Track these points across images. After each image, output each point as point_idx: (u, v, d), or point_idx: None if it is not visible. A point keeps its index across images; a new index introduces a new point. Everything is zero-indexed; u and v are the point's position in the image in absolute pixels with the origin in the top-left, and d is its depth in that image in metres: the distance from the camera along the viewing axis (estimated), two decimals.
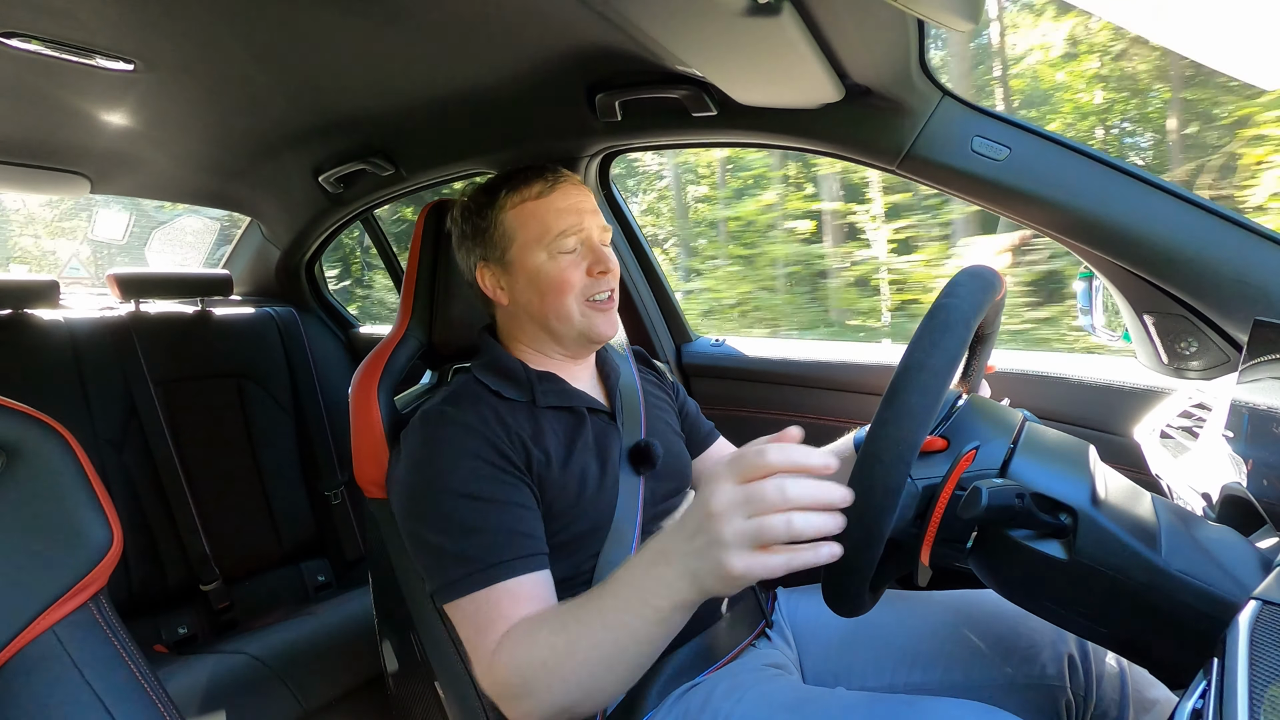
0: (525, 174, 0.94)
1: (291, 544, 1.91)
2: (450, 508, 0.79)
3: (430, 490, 0.80)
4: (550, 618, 0.72)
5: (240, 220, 2.21)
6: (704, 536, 0.58)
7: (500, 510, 0.79)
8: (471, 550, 0.77)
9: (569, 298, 0.90)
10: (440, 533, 0.78)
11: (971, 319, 0.60)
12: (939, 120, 0.96)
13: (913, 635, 0.91)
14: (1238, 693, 0.40)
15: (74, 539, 0.61)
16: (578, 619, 0.68)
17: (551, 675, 0.68)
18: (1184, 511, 0.62)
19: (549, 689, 0.68)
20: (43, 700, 0.58)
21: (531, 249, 0.91)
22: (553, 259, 0.90)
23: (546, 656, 0.68)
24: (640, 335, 1.58)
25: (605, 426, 0.95)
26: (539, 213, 0.91)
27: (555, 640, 0.68)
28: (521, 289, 0.93)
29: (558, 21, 0.93)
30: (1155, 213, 0.90)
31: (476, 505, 0.79)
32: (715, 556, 0.57)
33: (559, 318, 0.91)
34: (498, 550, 0.77)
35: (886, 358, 1.36)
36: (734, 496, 0.56)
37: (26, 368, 1.60)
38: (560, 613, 0.72)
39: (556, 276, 0.90)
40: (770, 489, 0.55)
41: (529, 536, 0.80)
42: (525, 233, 0.91)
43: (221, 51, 1.03)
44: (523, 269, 0.92)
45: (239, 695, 1.32)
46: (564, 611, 0.71)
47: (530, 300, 0.92)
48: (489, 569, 0.76)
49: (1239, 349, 0.92)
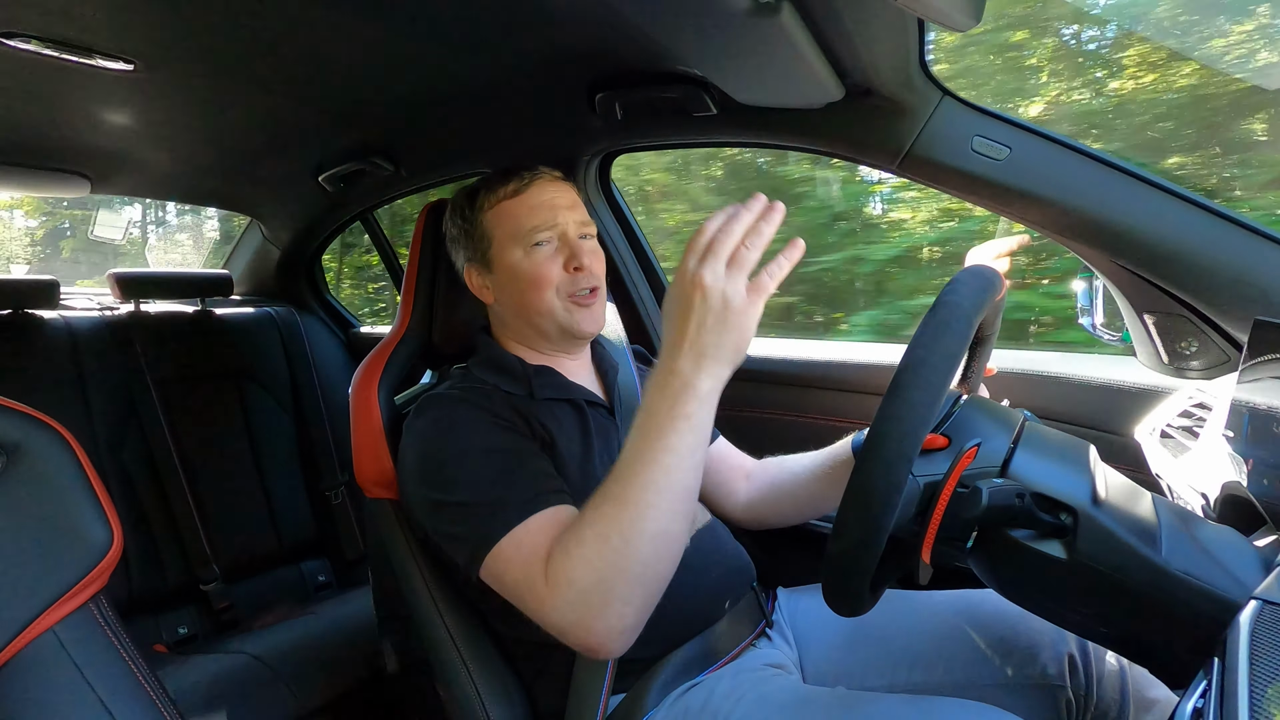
0: (503, 174, 0.95)
1: (291, 544, 1.91)
2: (473, 464, 0.79)
3: (453, 453, 0.81)
4: (587, 504, 0.69)
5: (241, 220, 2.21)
6: (705, 306, 0.63)
7: (525, 458, 0.81)
8: (503, 493, 0.77)
9: (548, 293, 0.91)
10: (467, 489, 0.78)
11: (973, 316, 0.60)
12: (939, 120, 0.96)
13: (913, 635, 0.91)
14: (1238, 692, 0.40)
15: (74, 539, 0.61)
16: (616, 477, 0.67)
17: (615, 545, 0.65)
18: (1184, 511, 0.62)
19: (620, 562, 0.65)
20: (43, 700, 0.58)
21: (508, 247, 0.92)
22: (528, 255, 0.91)
23: (603, 528, 0.66)
24: (640, 334, 1.58)
25: (604, 421, 0.95)
26: (513, 210, 0.92)
27: (604, 509, 0.67)
28: (503, 286, 0.94)
29: (558, 21, 0.93)
30: (1155, 213, 0.90)
31: (498, 456, 0.80)
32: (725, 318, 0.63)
33: (539, 313, 0.92)
34: (529, 489, 0.77)
35: (887, 358, 1.36)
36: (697, 260, 0.63)
37: (26, 368, 1.60)
38: (596, 492, 0.69)
39: (532, 272, 0.91)
40: (721, 238, 0.64)
41: (553, 477, 0.81)
42: (501, 231, 0.93)
43: (221, 51, 1.03)
44: (501, 267, 0.93)
45: (239, 695, 1.32)
46: (600, 489, 0.69)
47: (511, 297, 0.94)
48: (524, 504, 0.76)
49: (1239, 349, 0.92)
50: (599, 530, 0.66)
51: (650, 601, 0.68)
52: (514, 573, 0.73)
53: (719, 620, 0.90)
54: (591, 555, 0.66)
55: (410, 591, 0.94)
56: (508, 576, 0.74)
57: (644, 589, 0.67)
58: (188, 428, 1.78)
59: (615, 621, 0.66)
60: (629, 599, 0.66)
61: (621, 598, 0.66)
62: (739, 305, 0.63)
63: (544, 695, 0.88)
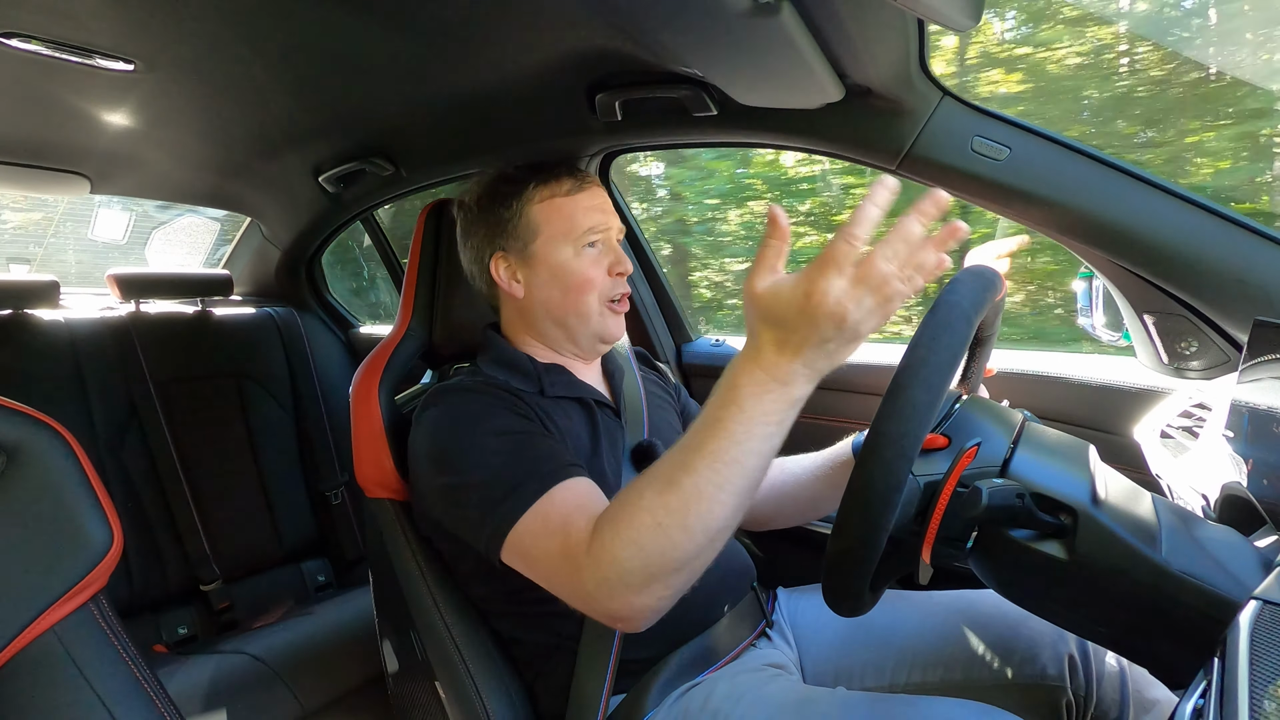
0: (555, 169, 0.95)
1: (291, 544, 1.91)
2: (490, 445, 0.79)
3: (469, 435, 0.80)
4: (643, 485, 0.65)
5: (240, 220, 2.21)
6: (836, 333, 0.56)
7: (537, 439, 0.80)
8: (522, 469, 0.76)
9: (591, 296, 0.92)
10: (485, 469, 0.77)
11: (973, 315, 0.60)
12: (939, 120, 0.96)
13: (913, 635, 0.91)
14: (1238, 692, 0.40)
15: (74, 539, 0.61)
16: (685, 468, 0.62)
17: (670, 533, 0.62)
18: (1184, 511, 0.62)
19: (671, 548, 0.62)
20: (43, 701, 0.58)
21: (558, 243, 0.92)
22: (578, 255, 0.92)
23: (661, 516, 0.62)
24: (641, 335, 1.58)
25: (611, 422, 0.95)
26: (568, 209, 0.92)
27: (666, 499, 0.62)
28: (542, 283, 0.93)
29: (558, 22, 0.93)
30: (1155, 213, 0.90)
31: (514, 437, 0.80)
32: (849, 343, 0.57)
33: (578, 315, 0.92)
34: (549, 463, 0.77)
35: (886, 358, 1.36)
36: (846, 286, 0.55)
37: (26, 368, 1.60)
38: (654, 475, 0.65)
39: (581, 273, 0.91)
40: (881, 265, 0.55)
41: (570, 454, 0.81)
42: (552, 227, 0.92)
43: (222, 51, 1.03)
44: (545, 263, 0.92)
45: (239, 695, 1.32)
46: (659, 473, 0.64)
47: (550, 295, 0.93)
48: (544, 477, 0.75)
49: (1239, 349, 0.92)
50: (657, 518, 0.62)
51: (686, 587, 0.66)
52: (544, 544, 0.71)
53: (719, 620, 0.90)
54: (645, 540, 0.63)
55: (410, 591, 0.94)
56: (536, 549, 0.72)
57: (688, 577, 0.65)
58: (188, 428, 1.78)
59: (652, 601, 0.65)
60: (671, 584, 0.64)
61: (664, 582, 0.64)
62: (869, 331, 0.57)
63: (544, 695, 0.88)
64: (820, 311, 0.55)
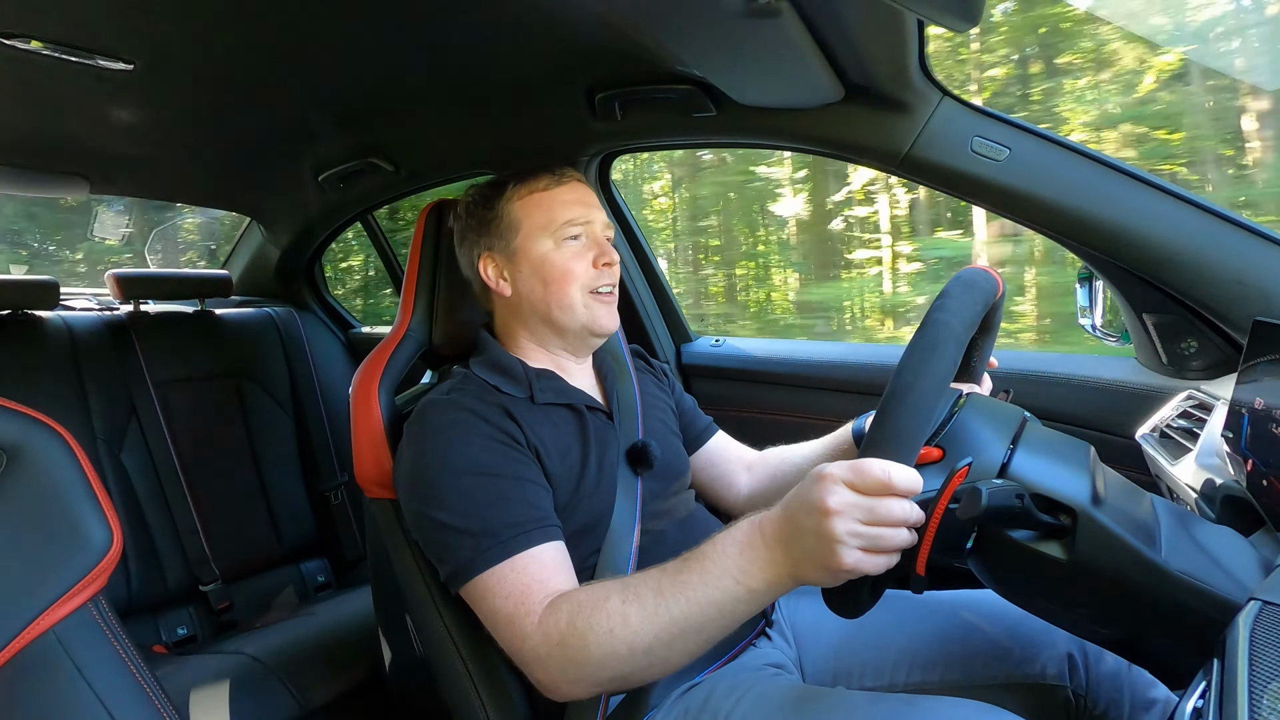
0: (533, 169, 0.96)
1: (291, 544, 1.91)
2: (465, 486, 0.79)
3: (443, 472, 0.80)
4: (618, 588, 0.70)
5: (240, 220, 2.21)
6: (818, 530, 0.59)
7: (514, 485, 0.80)
8: (491, 524, 0.77)
9: (573, 287, 0.92)
10: (455, 513, 0.78)
11: (963, 335, 0.60)
12: (939, 120, 0.96)
13: (913, 635, 0.91)
14: (1238, 692, 0.40)
15: (74, 539, 0.61)
16: (657, 591, 0.67)
17: (618, 643, 0.66)
18: (1184, 511, 0.63)
19: (613, 656, 0.67)
20: (42, 700, 0.58)
21: (537, 237, 0.92)
22: (558, 247, 0.92)
23: (616, 625, 0.67)
24: (640, 335, 1.58)
25: (603, 425, 0.95)
26: (545, 202, 0.93)
27: (628, 610, 0.67)
28: (525, 278, 0.94)
29: (558, 22, 0.93)
30: (1155, 213, 0.90)
31: (491, 481, 0.80)
32: (828, 549, 0.59)
33: (562, 307, 0.92)
34: (517, 522, 0.77)
35: (885, 358, 1.36)
36: (852, 500, 0.58)
37: (26, 368, 1.60)
38: (631, 584, 0.70)
39: (561, 265, 0.91)
40: (895, 507, 0.58)
41: (544, 510, 0.81)
42: (531, 221, 0.93)
43: (221, 51, 1.03)
44: (527, 257, 0.93)
45: (239, 695, 1.32)
46: (636, 583, 0.69)
47: (534, 289, 0.93)
48: (512, 539, 0.76)
49: (1239, 349, 0.92)
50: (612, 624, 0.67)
51: (639, 678, 0.70)
52: (498, 602, 0.75)
53: None
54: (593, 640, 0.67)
55: (410, 591, 0.94)
56: (487, 606, 0.76)
57: (617, 686, 0.70)
58: (187, 428, 1.78)
59: (579, 691, 0.71)
60: (602, 686, 0.70)
61: (595, 681, 0.69)
62: (848, 566, 0.59)
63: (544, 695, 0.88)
64: (815, 536, 0.59)
